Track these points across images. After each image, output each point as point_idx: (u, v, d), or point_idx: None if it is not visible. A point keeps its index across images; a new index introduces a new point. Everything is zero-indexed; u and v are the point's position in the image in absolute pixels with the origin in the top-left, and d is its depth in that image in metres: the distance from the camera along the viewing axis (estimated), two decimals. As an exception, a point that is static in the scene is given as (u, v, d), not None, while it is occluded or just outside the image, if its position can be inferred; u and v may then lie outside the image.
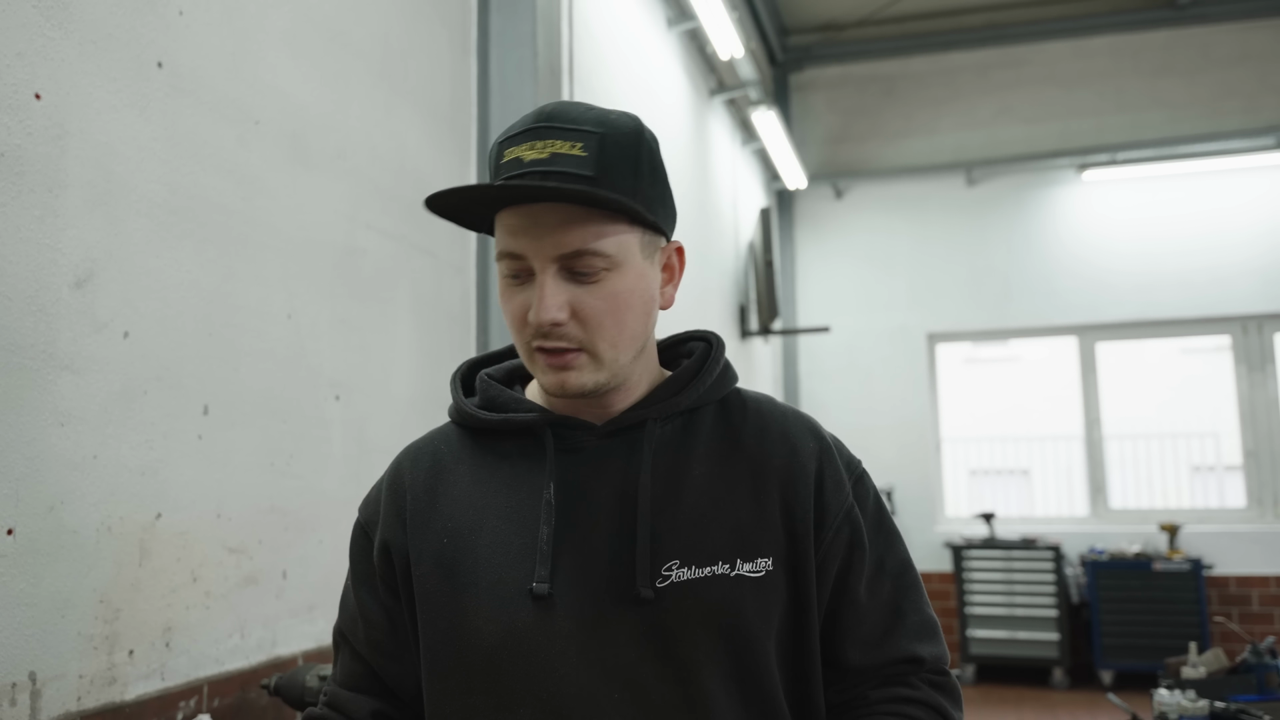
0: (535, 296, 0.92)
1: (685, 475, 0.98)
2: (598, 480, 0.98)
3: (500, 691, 0.92)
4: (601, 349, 0.94)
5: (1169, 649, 5.27)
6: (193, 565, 1.87)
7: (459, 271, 2.95)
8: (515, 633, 0.92)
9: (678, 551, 0.94)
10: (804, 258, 8.00)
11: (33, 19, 1.57)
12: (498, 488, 0.99)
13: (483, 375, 1.08)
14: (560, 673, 0.91)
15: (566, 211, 0.91)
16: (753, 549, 0.96)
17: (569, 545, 0.95)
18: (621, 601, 0.92)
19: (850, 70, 7.96)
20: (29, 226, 1.54)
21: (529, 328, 0.93)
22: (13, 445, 1.49)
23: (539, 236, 0.91)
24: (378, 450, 2.47)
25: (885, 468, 7.38)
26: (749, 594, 0.94)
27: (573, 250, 0.91)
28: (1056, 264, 7.33)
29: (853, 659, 1.01)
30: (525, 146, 0.92)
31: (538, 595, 0.92)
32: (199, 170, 1.92)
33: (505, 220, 0.94)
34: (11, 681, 1.48)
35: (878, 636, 1.02)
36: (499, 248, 0.95)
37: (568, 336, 0.92)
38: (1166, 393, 10.11)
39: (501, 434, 1.03)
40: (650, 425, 0.99)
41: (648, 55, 4.90)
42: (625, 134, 0.94)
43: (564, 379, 0.94)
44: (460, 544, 0.97)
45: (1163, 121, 7.20)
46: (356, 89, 2.47)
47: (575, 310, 0.92)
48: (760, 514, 0.98)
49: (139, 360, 1.75)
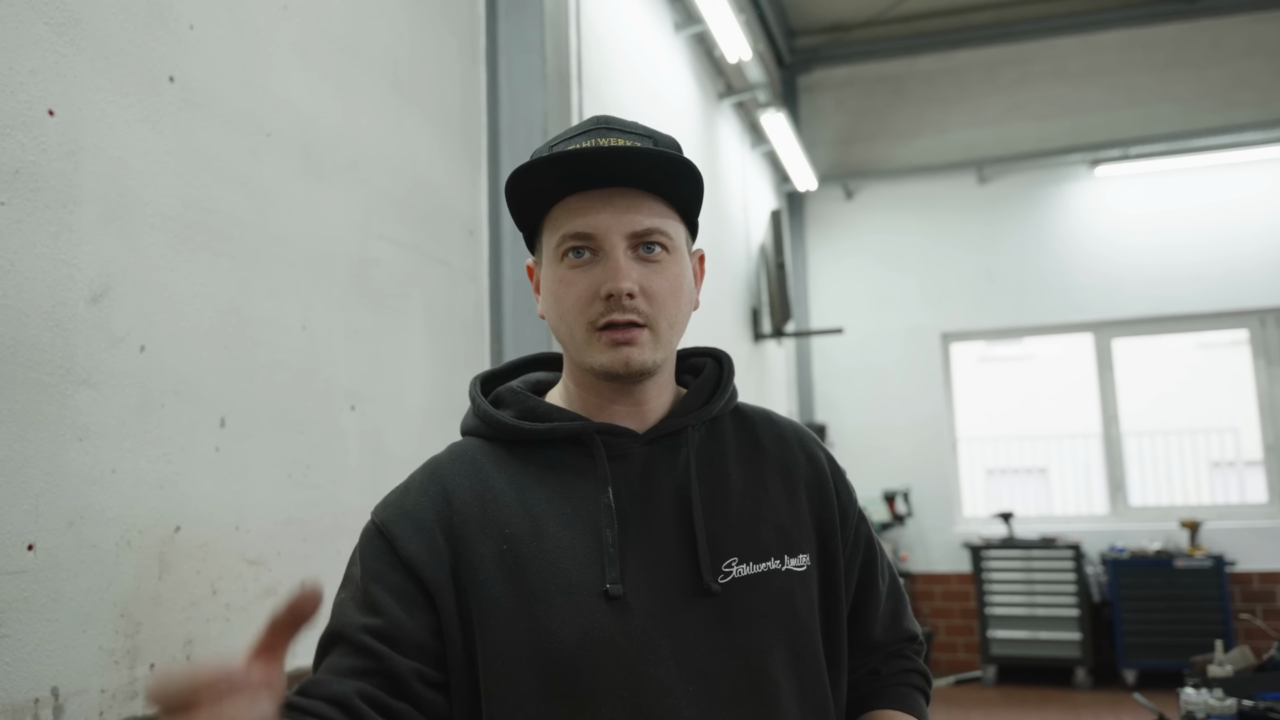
0: (608, 271, 0.97)
1: (726, 478, 1.05)
2: (648, 484, 1.02)
3: (580, 694, 0.93)
4: (662, 327, 1.00)
5: (1193, 647, 5.22)
6: (212, 578, 1.87)
7: (472, 279, 2.95)
8: (592, 635, 0.94)
9: (734, 549, 1.00)
10: (815, 259, 7.98)
11: (44, 36, 1.57)
12: (549, 495, 1.00)
13: (509, 388, 1.09)
14: (638, 670, 0.94)
15: (635, 195, 0.99)
16: (795, 546, 1.04)
17: (632, 546, 0.98)
18: (690, 596, 0.97)
19: (858, 71, 7.94)
20: (45, 242, 1.55)
21: (596, 304, 0.98)
22: (32, 460, 1.50)
23: (613, 215, 0.98)
24: (394, 460, 2.47)
25: (901, 468, 7.35)
26: (798, 587, 1.02)
27: (644, 228, 0.98)
28: (1070, 260, 7.28)
29: (878, 638, 1.16)
30: (589, 143, 0.99)
31: (612, 596, 0.95)
32: (212, 183, 1.93)
33: (573, 205, 0.99)
34: (34, 697, 1.48)
35: (889, 618, 1.17)
36: (563, 231, 0.99)
37: (637, 310, 0.98)
38: (1184, 388, 10.03)
39: (541, 444, 1.04)
40: (690, 432, 1.05)
41: (655, 60, 4.90)
42: (672, 143, 1.05)
43: (628, 355, 0.98)
44: (521, 551, 0.97)
45: (1175, 115, 7.15)
46: (367, 99, 2.47)
47: (644, 288, 0.98)
48: (795, 514, 1.06)
49: (156, 374, 1.76)
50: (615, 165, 0.98)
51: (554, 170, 0.98)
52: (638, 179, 0.99)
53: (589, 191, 0.99)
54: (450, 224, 2.84)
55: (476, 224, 2.99)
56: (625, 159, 0.97)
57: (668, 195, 1.01)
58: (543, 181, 1.00)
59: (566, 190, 1.00)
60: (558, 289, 1.00)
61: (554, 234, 1.01)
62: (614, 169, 0.98)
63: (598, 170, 0.98)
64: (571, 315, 0.99)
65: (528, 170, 0.98)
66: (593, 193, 0.99)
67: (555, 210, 1.01)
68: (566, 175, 0.99)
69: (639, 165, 0.98)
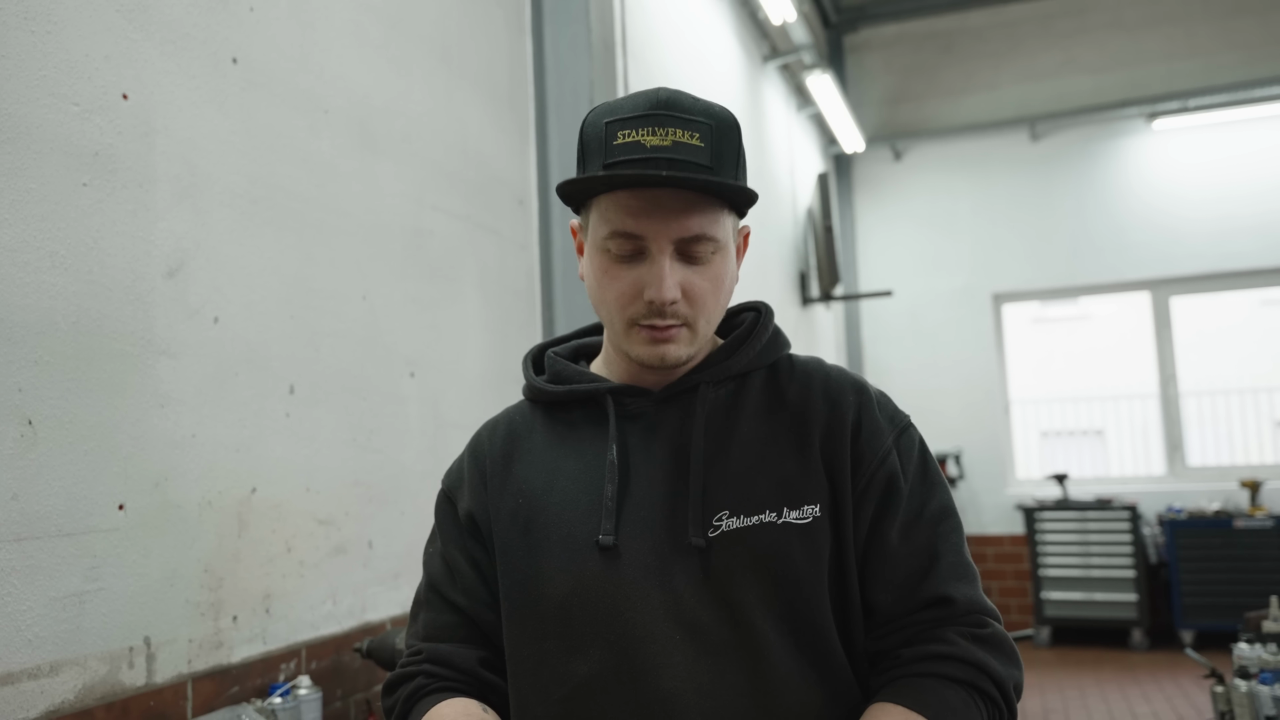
0: (653, 276, 0.98)
1: (734, 432, 1.05)
2: (655, 441, 1.05)
3: (572, 635, 1.00)
4: (700, 324, 1.02)
5: (1251, 607, 5.14)
6: (286, 536, 1.97)
7: (523, 249, 3.01)
8: (584, 581, 1.00)
9: (727, 503, 1.01)
10: (864, 222, 7.91)
11: (116, 23, 1.65)
12: (567, 453, 1.08)
13: (550, 353, 1.17)
14: (626, 617, 0.98)
15: (687, 198, 0.97)
16: (798, 498, 1.01)
17: (630, 501, 1.03)
18: (679, 550, 1.00)
19: (906, 28, 7.80)
20: (124, 221, 1.64)
21: (637, 304, 0.99)
22: (119, 426, 1.60)
23: (663, 220, 0.97)
24: (452, 425, 2.56)
25: (952, 431, 7.31)
26: (796, 540, 1.00)
27: (693, 235, 0.98)
28: (1127, 217, 7.13)
29: (885, 602, 1.02)
30: (646, 132, 0.97)
31: (604, 546, 1.01)
32: (275, 160, 2.00)
33: (624, 201, 0.98)
34: (129, 645, 1.59)
35: (914, 581, 1.01)
36: (611, 227, 0.99)
37: (677, 314, 1.00)
38: (1247, 346, 9.77)
39: (569, 405, 1.11)
40: (703, 389, 1.06)
41: (700, 25, 4.89)
42: (729, 125, 1.01)
43: (665, 351, 1.01)
44: (533, 503, 1.06)
45: (1237, 64, 6.92)
46: (418, 74, 2.53)
47: (685, 290, 0.99)
48: (804, 465, 1.03)
49: (229, 344, 1.85)
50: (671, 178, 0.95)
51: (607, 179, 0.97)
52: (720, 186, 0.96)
53: (641, 189, 0.97)
54: (501, 194, 2.89)
55: (526, 194, 3.05)
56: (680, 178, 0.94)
57: (740, 196, 1.00)
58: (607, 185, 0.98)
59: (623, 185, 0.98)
60: (600, 278, 1.02)
61: (601, 223, 1.00)
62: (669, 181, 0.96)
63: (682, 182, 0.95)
64: (612, 308, 1.02)
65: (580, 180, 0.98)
66: (644, 192, 0.97)
67: (604, 197, 1.00)
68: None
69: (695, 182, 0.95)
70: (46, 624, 1.45)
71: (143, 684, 1.61)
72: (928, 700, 0.94)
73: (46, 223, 1.49)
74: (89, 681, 1.51)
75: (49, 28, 1.52)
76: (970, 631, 0.99)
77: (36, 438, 1.45)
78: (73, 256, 1.53)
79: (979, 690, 0.96)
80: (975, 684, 0.96)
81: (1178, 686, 5.45)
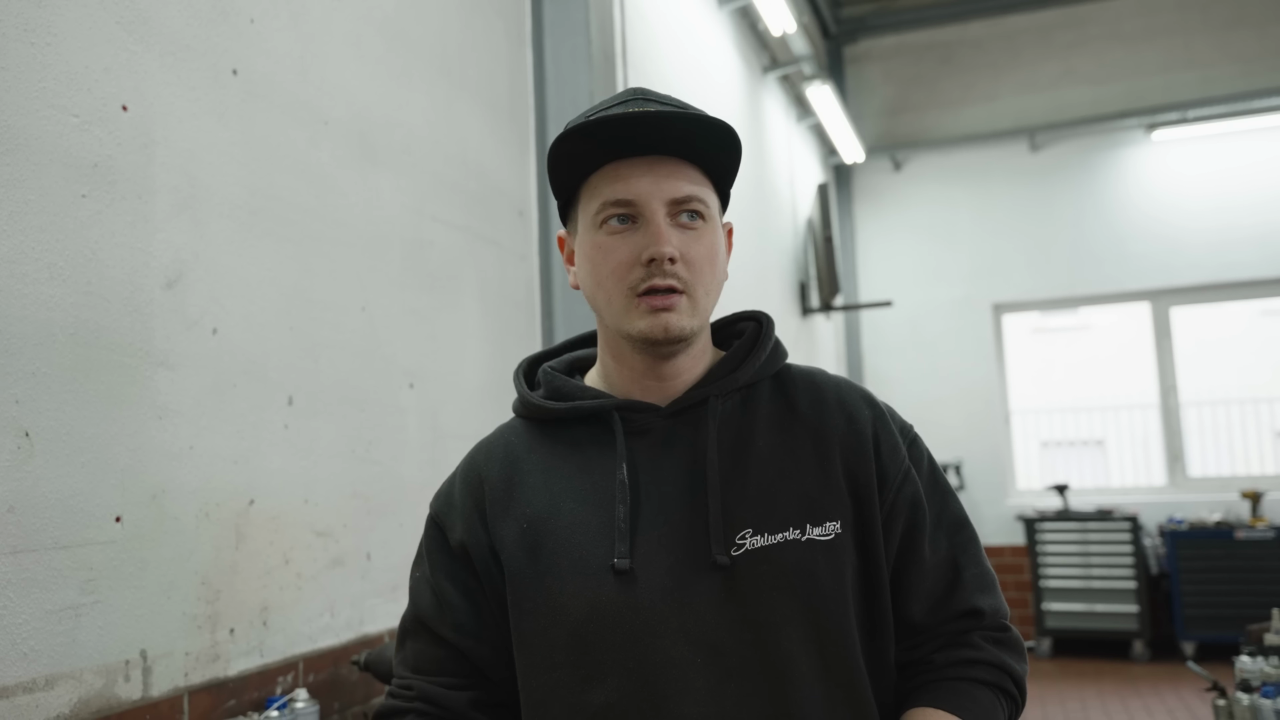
0: (650, 236, 0.99)
1: (750, 447, 1.03)
2: (667, 458, 1.02)
3: (587, 664, 0.96)
4: (699, 294, 1.01)
5: (1253, 619, 5.12)
6: (284, 548, 1.96)
7: (522, 259, 3.01)
8: (600, 607, 0.96)
9: (749, 520, 0.98)
10: (864, 232, 7.92)
11: (116, 35, 1.65)
12: (571, 473, 1.04)
13: (544, 368, 1.13)
14: (645, 642, 0.95)
15: (674, 162, 1.00)
16: (821, 514, 1.00)
17: (645, 521, 0.99)
18: (699, 570, 0.96)
19: (906, 39, 7.83)
20: (122, 232, 1.64)
21: (636, 270, 0.99)
22: (117, 438, 1.59)
23: (655, 181, 0.99)
24: (451, 436, 2.55)
25: (952, 441, 7.30)
26: (821, 557, 0.98)
27: (684, 195, 1.00)
28: (1126, 228, 7.13)
29: (918, 615, 1.03)
30: (623, 110, 0.99)
31: (619, 570, 0.97)
32: (274, 171, 2.00)
33: (613, 171, 1.00)
34: (125, 659, 1.58)
35: (941, 592, 1.04)
36: (604, 198, 1.00)
37: (677, 276, 0.99)
38: (1247, 356, 9.77)
39: (570, 422, 1.07)
40: (713, 402, 1.03)
41: (700, 36, 4.90)
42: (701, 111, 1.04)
43: (667, 320, 0.98)
44: (540, 527, 1.01)
45: (1235, 76, 6.94)
46: (418, 85, 2.53)
47: (682, 255, 0.99)
48: (825, 480, 1.02)
49: (227, 355, 1.84)
50: (656, 131, 0.98)
51: (595, 136, 0.99)
52: (677, 146, 1.00)
53: (628, 159, 1.00)
54: (500, 205, 2.90)
55: (526, 205, 3.05)
56: (666, 124, 0.98)
57: (705, 164, 1.02)
58: (583, 147, 1.00)
59: (606, 158, 1.01)
60: (596, 256, 1.01)
61: (593, 201, 1.01)
62: (655, 135, 0.99)
63: (639, 136, 0.98)
64: (610, 282, 1.00)
65: (570, 135, 0.99)
66: (632, 160, 0.99)
67: (594, 178, 1.02)
68: (607, 141, 0.99)
69: (679, 131, 0.99)
70: (42, 637, 1.44)
71: (139, 697, 1.60)
72: (964, 704, 0.99)
73: (45, 234, 1.49)
74: (84, 695, 1.50)
75: (49, 39, 1.52)
76: (994, 636, 1.05)
77: (34, 450, 1.44)
78: (71, 268, 1.53)
79: (1003, 690, 1.03)
80: (1000, 685, 1.03)
81: (1179, 699, 5.43)
